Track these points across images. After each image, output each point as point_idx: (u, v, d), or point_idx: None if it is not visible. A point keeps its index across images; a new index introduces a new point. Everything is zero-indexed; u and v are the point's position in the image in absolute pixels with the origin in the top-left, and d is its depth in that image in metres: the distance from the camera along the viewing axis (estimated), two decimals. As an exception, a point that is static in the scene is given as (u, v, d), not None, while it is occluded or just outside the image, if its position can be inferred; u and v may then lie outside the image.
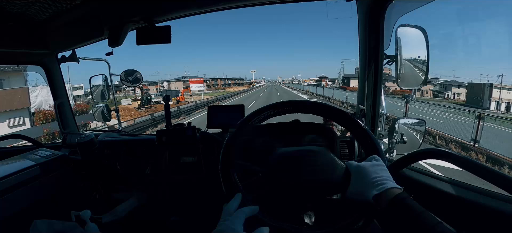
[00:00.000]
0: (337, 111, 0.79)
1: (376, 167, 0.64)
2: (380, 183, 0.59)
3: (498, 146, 7.97)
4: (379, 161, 0.66)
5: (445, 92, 48.39)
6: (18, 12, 1.22)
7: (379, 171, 0.63)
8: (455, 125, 10.93)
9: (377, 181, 0.60)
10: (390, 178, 0.61)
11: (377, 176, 0.61)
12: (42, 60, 1.65)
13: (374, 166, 0.64)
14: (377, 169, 0.63)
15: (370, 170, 0.63)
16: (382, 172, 0.62)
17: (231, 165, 0.71)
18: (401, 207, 0.55)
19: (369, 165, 0.65)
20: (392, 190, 0.58)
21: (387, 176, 0.62)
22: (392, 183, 0.60)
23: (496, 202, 0.71)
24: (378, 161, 0.66)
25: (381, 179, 0.60)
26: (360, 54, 1.15)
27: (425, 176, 0.93)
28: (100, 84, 1.81)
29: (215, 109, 1.49)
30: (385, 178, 0.61)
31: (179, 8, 1.19)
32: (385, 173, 0.62)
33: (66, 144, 1.70)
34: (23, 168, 1.23)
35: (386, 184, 0.59)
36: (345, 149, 1.20)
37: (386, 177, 0.61)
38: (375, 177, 0.61)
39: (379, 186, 0.59)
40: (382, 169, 0.63)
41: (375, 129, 1.17)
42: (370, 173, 0.62)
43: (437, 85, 51.66)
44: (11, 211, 1.14)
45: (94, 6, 1.17)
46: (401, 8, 1.02)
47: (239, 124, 0.77)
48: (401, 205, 0.55)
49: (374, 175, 0.61)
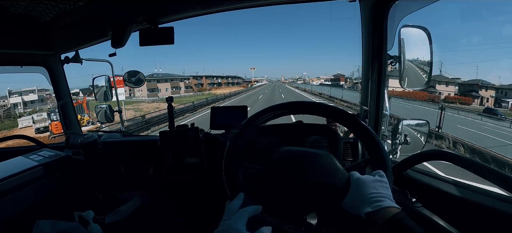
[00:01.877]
0: (340, 112, 0.78)
1: (376, 183, 0.61)
2: (377, 200, 0.56)
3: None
4: (383, 177, 0.63)
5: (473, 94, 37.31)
6: (21, 13, 1.23)
7: (379, 187, 0.60)
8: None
9: (374, 197, 0.57)
10: (389, 196, 0.58)
11: (375, 193, 0.58)
12: (45, 61, 1.66)
13: (375, 181, 0.61)
14: (377, 185, 0.60)
15: (369, 185, 0.60)
16: (382, 189, 0.59)
17: (234, 165, 0.71)
18: (397, 228, 0.52)
19: (370, 180, 0.62)
20: (389, 209, 0.55)
21: (387, 193, 0.59)
22: (390, 201, 0.57)
23: (501, 204, 0.70)
24: (382, 177, 0.63)
25: (379, 196, 0.57)
26: (363, 54, 1.15)
27: (428, 177, 0.93)
28: (103, 85, 1.81)
29: (218, 110, 1.49)
30: (384, 196, 0.58)
31: (183, 9, 1.19)
32: (385, 191, 0.59)
33: (69, 145, 1.71)
34: (27, 169, 1.23)
35: (383, 203, 0.56)
36: (348, 150, 1.19)
37: (385, 195, 0.58)
38: (373, 193, 0.58)
39: (375, 204, 0.56)
40: (383, 186, 0.60)
41: (378, 130, 1.17)
42: (369, 188, 0.59)
43: (457, 85, 41.52)
44: (14, 211, 1.14)
45: (98, 7, 1.18)
46: (404, 8, 1.02)
47: (242, 125, 0.77)
48: (397, 226, 0.52)
49: (373, 191, 0.59)
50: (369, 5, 1.05)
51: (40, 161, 1.33)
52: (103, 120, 1.86)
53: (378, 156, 0.70)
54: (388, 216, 0.54)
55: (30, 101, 24.12)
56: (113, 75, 1.88)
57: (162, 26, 1.24)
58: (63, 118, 1.80)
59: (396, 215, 0.53)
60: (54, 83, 1.74)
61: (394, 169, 0.65)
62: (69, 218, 1.04)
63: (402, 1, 0.98)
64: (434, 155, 0.85)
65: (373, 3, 1.03)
